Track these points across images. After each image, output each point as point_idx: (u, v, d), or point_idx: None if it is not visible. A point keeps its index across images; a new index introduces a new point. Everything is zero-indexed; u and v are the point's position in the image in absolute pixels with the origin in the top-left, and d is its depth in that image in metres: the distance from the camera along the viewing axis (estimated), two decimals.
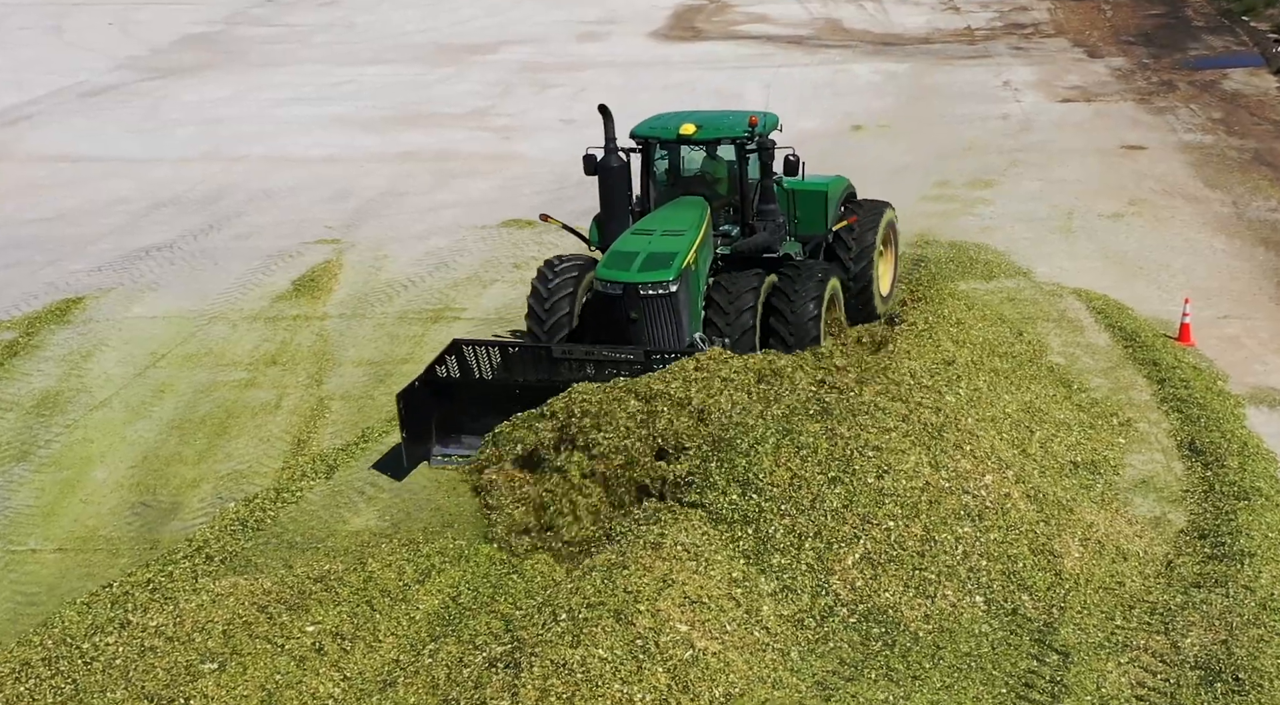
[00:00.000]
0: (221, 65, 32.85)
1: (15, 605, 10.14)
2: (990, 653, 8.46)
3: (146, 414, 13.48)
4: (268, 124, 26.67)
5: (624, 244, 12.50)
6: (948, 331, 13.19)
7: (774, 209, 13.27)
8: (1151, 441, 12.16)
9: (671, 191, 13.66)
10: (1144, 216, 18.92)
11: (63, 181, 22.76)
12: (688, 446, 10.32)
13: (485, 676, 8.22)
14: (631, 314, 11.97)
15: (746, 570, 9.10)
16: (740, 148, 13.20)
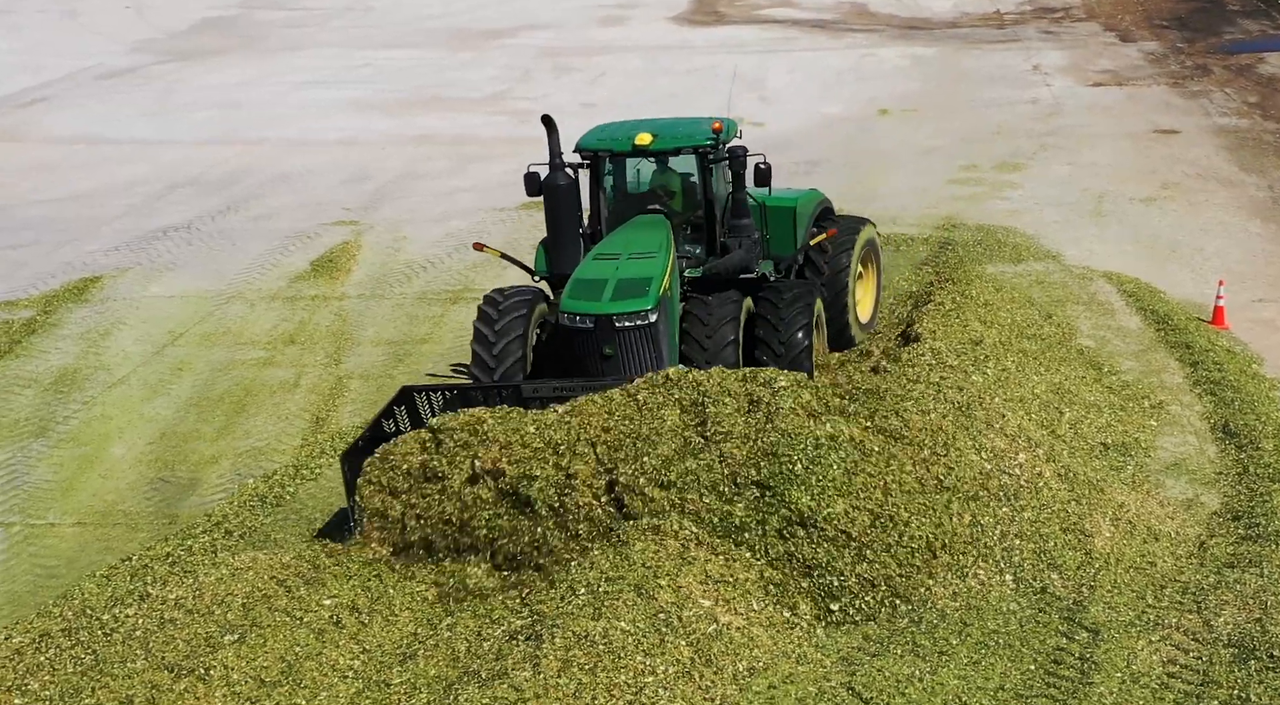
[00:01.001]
0: (238, 49, 33.05)
1: (35, 578, 10.27)
2: (1018, 630, 8.46)
3: (165, 391, 13.62)
4: (284, 108, 26.85)
5: (587, 271, 11.23)
6: (975, 312, 13.14)
7: (749, 224, 12.01)
8: (1184, 424, 12.11)
9: (624, 211, 12.30)
10: (1177, 200, 18.82)
11: (78, 163, 22.97)
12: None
13: (506, 648, 8.28)
14: (605, 350, 10.74)
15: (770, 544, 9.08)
16: (703, 157, 11.93)
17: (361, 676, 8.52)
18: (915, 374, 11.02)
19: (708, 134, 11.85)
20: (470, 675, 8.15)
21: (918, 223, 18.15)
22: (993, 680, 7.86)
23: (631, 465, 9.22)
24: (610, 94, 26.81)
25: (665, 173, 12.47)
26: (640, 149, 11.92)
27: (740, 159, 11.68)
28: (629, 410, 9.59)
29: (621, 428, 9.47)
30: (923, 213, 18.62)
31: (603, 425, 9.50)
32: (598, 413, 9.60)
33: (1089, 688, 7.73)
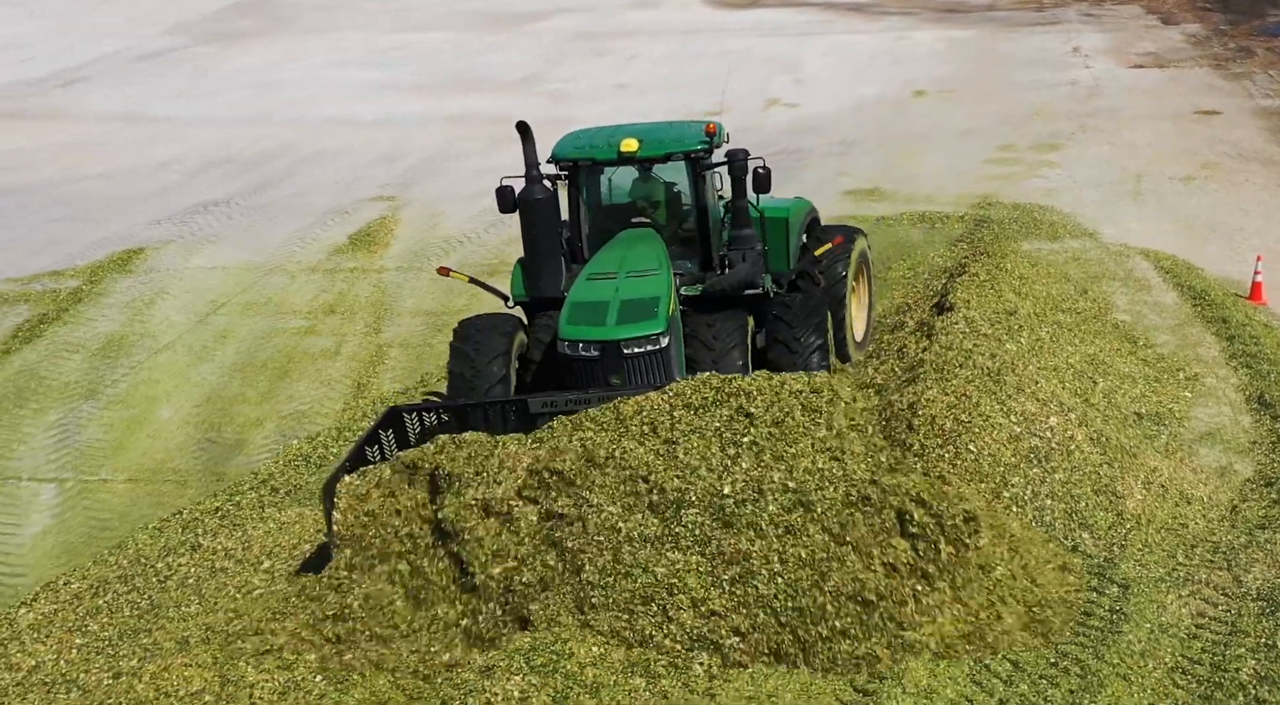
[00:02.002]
0: (272, 31, 33.63)
1: (90, 530, 10.76)
2: (1044, 581, 8.74)
3: (209, 358, 14.10)
4: (317, 89, 27.38)
5: (583, 293, 10.28)
6: (1010, 284, 13.40)
7: (751, 234, 11.06)
8: (1219, 395, 12.33)
9: (607, 225, 11.38)
10: (1217, 180, 18.96)
11: (118, 140, 23.57)
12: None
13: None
14: (613, 380, 9.82)
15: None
16: (695, 164, 10.99)
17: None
18: (949, 342, 11.34)
19: (699, 137, 10.96)
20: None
21: (953, 201, 18.39)
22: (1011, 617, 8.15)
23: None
24: (643, 76, 27.17)
25: (651, 182, 11.51)
26: (627, 156, 10.94)
27: (741, 162, 10.73)
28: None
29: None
30: (958, 192, 18.86)
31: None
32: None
33: (1118, 636, 8.02)
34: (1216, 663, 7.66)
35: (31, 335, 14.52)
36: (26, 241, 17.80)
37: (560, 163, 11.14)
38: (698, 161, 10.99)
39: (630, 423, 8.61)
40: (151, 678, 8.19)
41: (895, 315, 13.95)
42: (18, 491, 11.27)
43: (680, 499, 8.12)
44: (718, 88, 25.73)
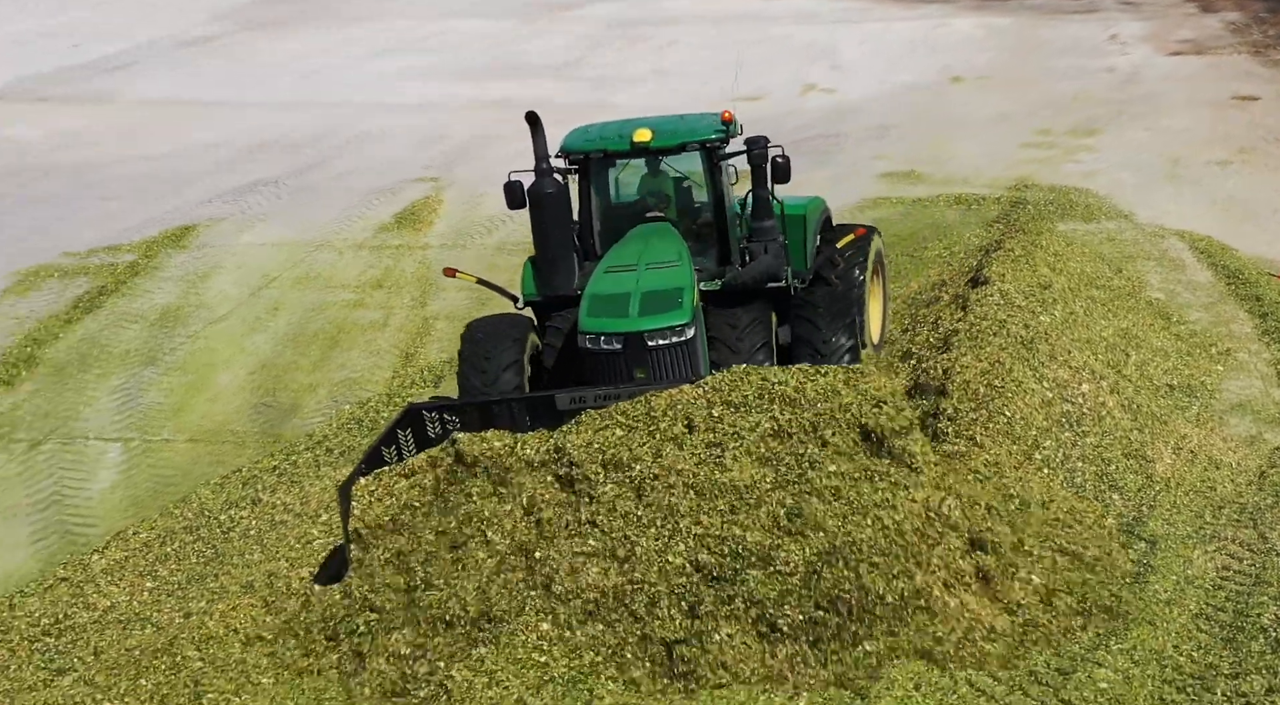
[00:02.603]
0: (314, 18, 34.30)
1: (155, 485, 11.34)
2: (1079, 535, 9.11)
3: (263, 328, 14.67)
4: (359, 74, 27.98)
5: (602, 285, 9.92)
6: (1045, 260, 13.72)
7: (772, 225, 10.67)
8: (1251, 369, 12.61)
9: (618, 221, 11.03)
10: (1254, 164, 19.15)
11: (167, 124, 24.25)
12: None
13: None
14: (636, 374, 9.44)
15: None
16: (711, 154, 10.67)
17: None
18: (983, 312, 11.70)
19: (715, 126, 10.68)
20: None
21: (990, 184, 18.69)
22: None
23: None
24: (681, 63, 27.57)
25: (664, 175, 11.19)
26: (640, 147, 10.56)
27: (760, 151, 10.37)
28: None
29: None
30: (995, 175, 19.15)
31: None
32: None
33: (1144, 586, 8.38)
34: (1239, 610, 8.01)
35: (92, 306, 15.13)
36: (82, 218, 18.46)
37: (570, 156, 10.73)
38: (714, 151, 10.63)
39: (661, 421, 8.36)
40: (221, 616, 8.76)
41: (930, 291, 14.30)
42: (85, 450, 11.86)
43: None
44: (756, 75, 26.09)
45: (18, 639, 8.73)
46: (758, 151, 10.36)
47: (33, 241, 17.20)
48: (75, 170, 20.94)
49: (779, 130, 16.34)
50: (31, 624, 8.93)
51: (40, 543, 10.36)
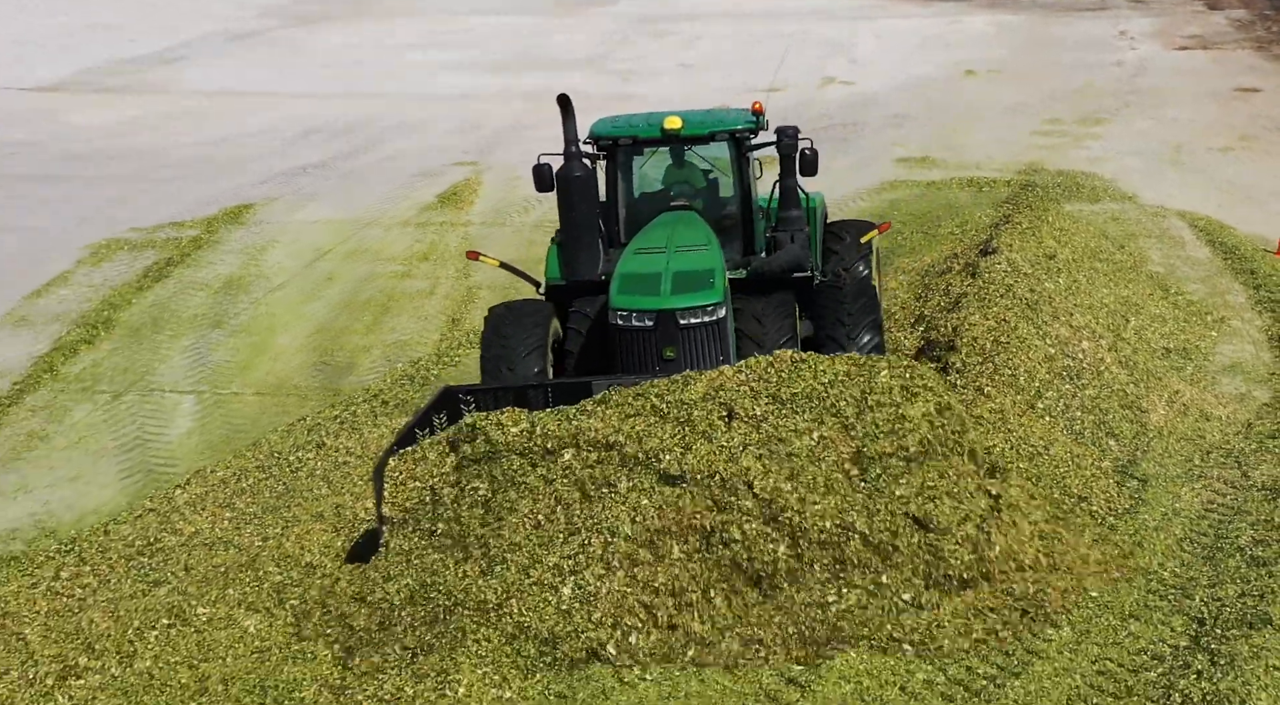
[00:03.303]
0: (354, 14, 35.10)
1: (227, 432, 12.07)
2: (1077, 476, 9.72)
3: (318, 296, 15.40)
4: (400, 66, 28.74)
5: (633, 265, 9.78)
6: (1051, 233, 14.32)
7: (799, 215, 10.47)
8: (1243, 335, 13.18)
9: (645, 208, 10.86)
10: (1254, 151, 19.68)
11: (218, 112, 25.05)
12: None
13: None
14: (666, 352, 9.27)
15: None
16: (740, 144, 10.55)
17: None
18: (991, 278, 12.31)
19: (745, 117, 10.64)
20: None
21: (1001, 168, 19.27)
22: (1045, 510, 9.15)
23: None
24: (705, 56, 28.22)
25: (690, 166, 11.11)
26: (670, 134, 10.42)
27: (791, 140, 10.24)
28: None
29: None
30: (1005, 160, 19.73)
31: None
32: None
33: (1134, 517, 8.99)
34: (1220, 534, 8.62)
35: (160, 275, 15.90)
36: (146, 197, 19.25)
37: (600, 141, 10.56)
38: (742, 141, 10.52)
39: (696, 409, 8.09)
40: (296, 538, 9.47)
41: (943, 263, 14.90)
42: (163, 401, 12.60)
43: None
44: (776, 67, 26.72)
45: (115, 557, 9.46)
46: (787, 141, 10.23)
47: (103, 218, 18.00)
48: (137, 154, 21.76)
49: (799, 120, 16.84)
50: (127, 546, 9.66)
51: (127, 480, 11.10)
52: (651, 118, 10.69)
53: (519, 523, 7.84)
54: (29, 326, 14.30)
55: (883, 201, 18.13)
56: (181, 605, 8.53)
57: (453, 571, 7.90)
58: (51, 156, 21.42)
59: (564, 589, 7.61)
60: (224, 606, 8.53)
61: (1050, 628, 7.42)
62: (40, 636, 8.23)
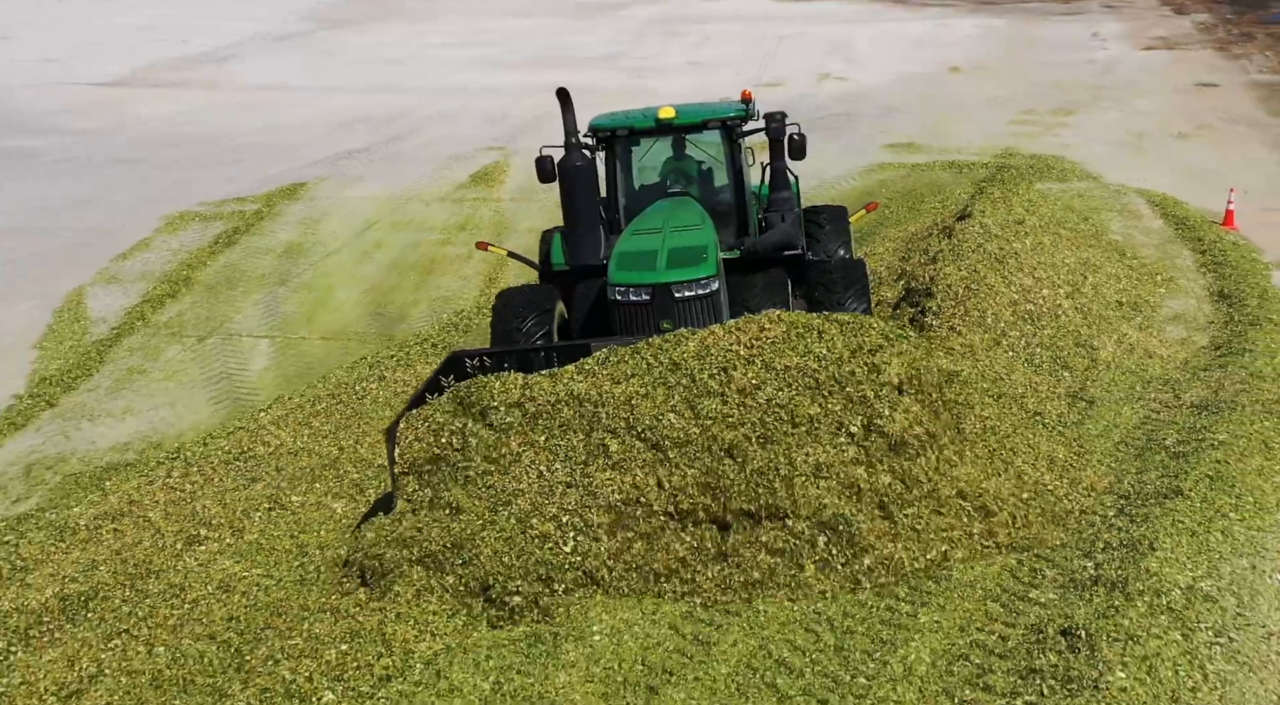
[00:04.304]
0: (387, 18, 36.26)
1: (298, 368, 13.25)
2: (1034, 397, 10.88)
3: (369, 259, 16.58)
4: (431, 64, 29.89)
5: (631, 244, 9.88)
6: (1021, 203, 15.44)
7: (789, 196, 10.65)
8: (1188, 292, 14.29)
9: (643, 196, 11.03)
10: (1209, 138, 20.76)
11: (268, 104, 26.22)
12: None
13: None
14: (663, 324, 9.35)
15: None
16: (731, 132, 10.73)
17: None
18: (965, 238, 13.45)
19: (736, 106, 10.84)
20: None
21: (979, 152, 20.38)
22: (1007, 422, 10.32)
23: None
24: (715, 55, 29.33)
25: (686, 157, 11.30)
26: (665, 124, 10.59)
27: (780, 125, 10.38)
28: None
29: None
30: (984, 146, 20.84)
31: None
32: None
33: (1080, 427, 10.14)
34: (1150, 438, 9.76)
35: (229, 242, 17.09)
36: (210, 177, 20.43)
37: (599, 133, 10.76)
38: (734, 129, 10.70)
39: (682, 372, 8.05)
40: (369, 447, 10.66)
41: (925, 231, 16.04)
42: (241, 343, 13.80)
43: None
44: (778, 64, 27.86)
45: (216, 462, 10.64)
46: (775, 126, 10.37)
47: (173, 195, 19.19)
48: (197, 140, 22.94)
49: (798, 111, 18.00)
50: (224, 454, 10.84)
51: (217, 405, 12.29)
52: (647, 111, 10.89)
53: (519, 475, 7.88)
54: (119, 283, 15.51)
55: (872, 181, 19.27)
56: (278, 495, 9.74)
57: (455, 520, 7.86)
58: (121, 143, 22.62)
59: (561, 536, 7.64)
60: (314, 496, 9.73)
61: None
62: (163, 517, 9.43)
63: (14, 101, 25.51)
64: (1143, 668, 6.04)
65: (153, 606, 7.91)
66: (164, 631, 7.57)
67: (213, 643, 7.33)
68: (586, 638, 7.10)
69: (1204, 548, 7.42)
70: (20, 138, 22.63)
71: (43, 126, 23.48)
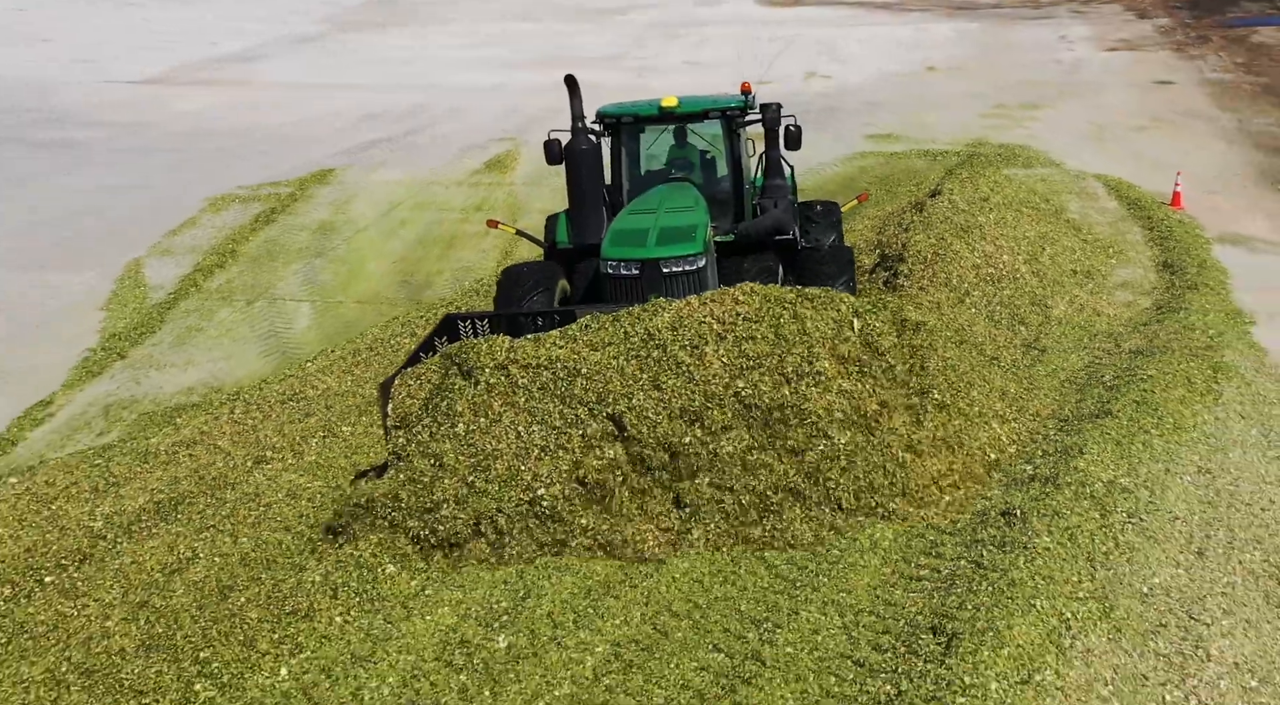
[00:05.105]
0: (399, 21, 37.19)
1: (337, 327, 14.24)
2: (992, 346, 11.91)
3: (396, 236, 17.58)
4: (443, 64, 30.82)
5: (625, 222, 10.06)
6: (988, 184, 16.47)
7: (782, 184, 10.86)
8: (1136, 263, 15.35)
9: (645, 181, 11.22)
10: (1163, 130, 21.81)
11: (294, 100, 27.15)
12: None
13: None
14: (651, 298, 9.15)
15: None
16: (730, 122, 10.89)
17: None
18: (934, 212, 14.48)
19: (735, 97, 11.04)
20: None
21: (952, 142, 21.40)
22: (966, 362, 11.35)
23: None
24: (711, 55, 30.32)
25: (688, 146, 11.50)
26: (667, 112, 10.80)
27: (774, 115, 10.61)
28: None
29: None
30: (957, 136, 21.86)
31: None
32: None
33: (1032, 369, 11.18)
34: (1090, 375, 10.81)
35: (268, 220, 18.08)
36: (246, 165, 21.38)
37: (605, 120, 11.02)
38: (733, 119, 10.88)
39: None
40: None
41: (900, 210, 17.07)
42: (285, 306, 14.80)
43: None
44: (767, 63, 28.87)
45: (272, 401, 11.64)
46: (771, 115, 10.62)
47: (214, 180, 20.15)
48: (232, 132, 23.90)
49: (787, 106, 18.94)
50: (279, 396, 11.84)
51: (267, 357, 13.29)
52: (653, 101, 11.28)
53: (499, 434, 8.01)
54: (172, 255, 16.50)
55: (854, 167, 20.29)
56: (330, 426, 10.76)
57: (441, 471, 8.02)
58: (163, 134, 23.58)
59: (539, 489, 7.83)
60: (361, 426, 10.75)
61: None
62: (231, 444, 10.45)
63: (59, 98, 26.47)
64: (1065, 536, 7.08)
65: (233, 509, 8.92)
66: (245, 527, 8.59)
67: (288, 533, 8.33)
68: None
69: (1126, 454, 8.47)
70: (69, 130, 23.60)
71: (89, 120, 24.45)
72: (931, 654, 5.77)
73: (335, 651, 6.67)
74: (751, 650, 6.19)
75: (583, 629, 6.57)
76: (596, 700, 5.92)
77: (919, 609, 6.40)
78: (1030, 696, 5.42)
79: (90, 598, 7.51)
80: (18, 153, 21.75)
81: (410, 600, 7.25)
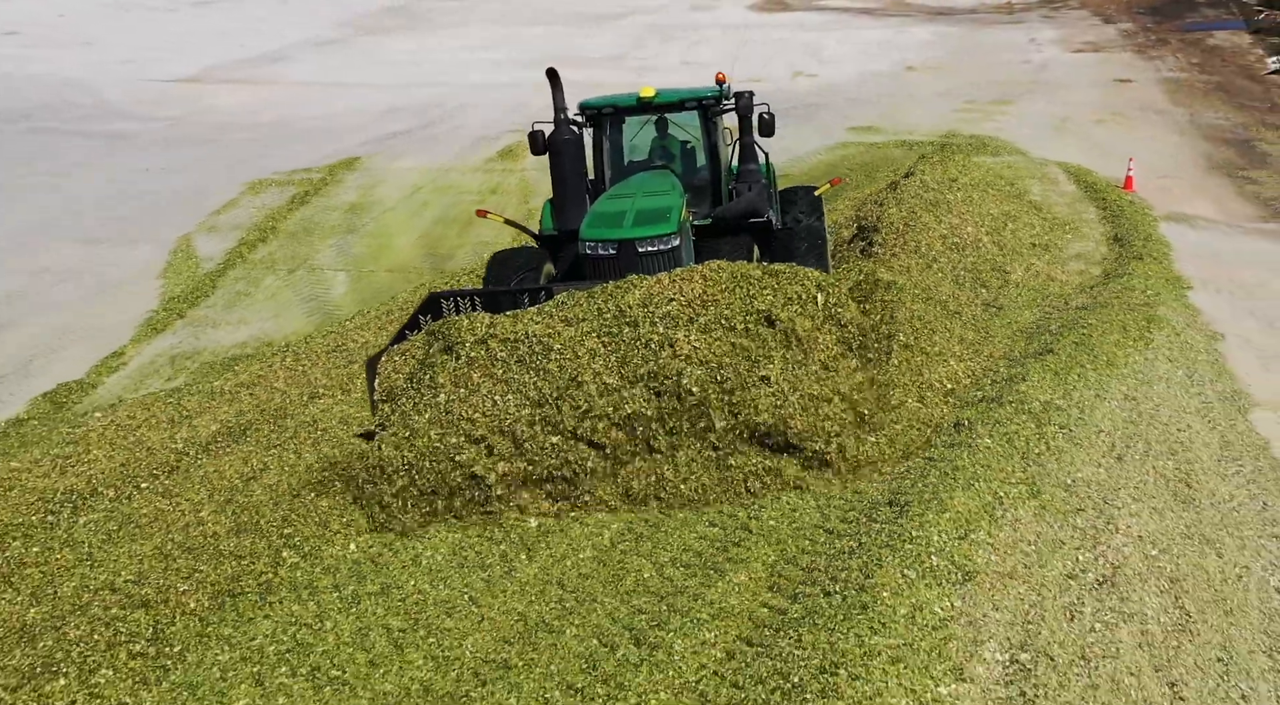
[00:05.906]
0: (413, 27, 38.18)
1: (370, 293, 15.25)
2: (954, 303, 12.93)
3: (420, 215, 18.59)
4: (454, 65, 31.80)
5: (604, 206, 10.13)
6: (957, 167, 17.52)
7: (755, 169, 10.93)
8: (1090, 238, 16.38)
9: (626, 170, 11.32)
10: (1121, 122, 22.85)
11: (317, 98, 28.13)
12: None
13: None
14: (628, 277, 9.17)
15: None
16: (707, 111, 10.98)
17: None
18: (907, 190, 15.50)
19: (711, 88, 11.16)
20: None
21: (927, 133, 22.44)
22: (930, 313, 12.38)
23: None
24: (707, 56, 31.31)
25: (668, 136, 11.61)
26: (645, 102, 10.88)
27: (747, 103, 10.69)
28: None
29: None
30: (932, 128, 22.89)
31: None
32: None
33: (990, 322, 12.22)
34: (1040, 326, 11.85)
35: (302, 202, 19.08)
36: (279, 155, 22.38)
37: (587, 111, 11.16)
38: (709, 108, 11.00)
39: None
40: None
41: (876, 192, 18.09)
42: (323, 274, 15.81)
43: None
44: (758, 63, 29.88)
45: (318, 353, 12.64)
46: (744, 103, 10.71)
47: (251, 167, 21.15)
48: (265, 125, 24.89)
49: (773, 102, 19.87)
50: (323, 348, 12.83)
51: (310, 317, 14.30)
52: (632, 93, 11.40)
53: (476, 403, 8.22)
54: (218, 232, 17.50)
55: (835, 156, 21.31)
56: None
57: (425, 439, 8.22)
58: (201, 127, 24.56)
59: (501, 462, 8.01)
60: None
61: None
62: (286, 384, 11.47)
63: (105, 95, 27.45)
64: (1004, 439, 8.12)
65: (295, 432, 9.94)
66: (307, 447, 9.60)
67: (344, 451, 9.34)
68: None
69: (1062, 382, 9.51)
70: (116, 123, 24.59)
71: (133, 114, 25.44)
72: (888, 518, 6.80)
73: (393, 532, 7.70)
74: (741, 523, 7.22)
75: (600, 512, 7.60)
76: (614, 560, 6.94)
77: (880, 493, 7.44)
78: (966, 548, 6.46)
79: (182, 498, 8.51)
80: (74, 144, 22.76)
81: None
